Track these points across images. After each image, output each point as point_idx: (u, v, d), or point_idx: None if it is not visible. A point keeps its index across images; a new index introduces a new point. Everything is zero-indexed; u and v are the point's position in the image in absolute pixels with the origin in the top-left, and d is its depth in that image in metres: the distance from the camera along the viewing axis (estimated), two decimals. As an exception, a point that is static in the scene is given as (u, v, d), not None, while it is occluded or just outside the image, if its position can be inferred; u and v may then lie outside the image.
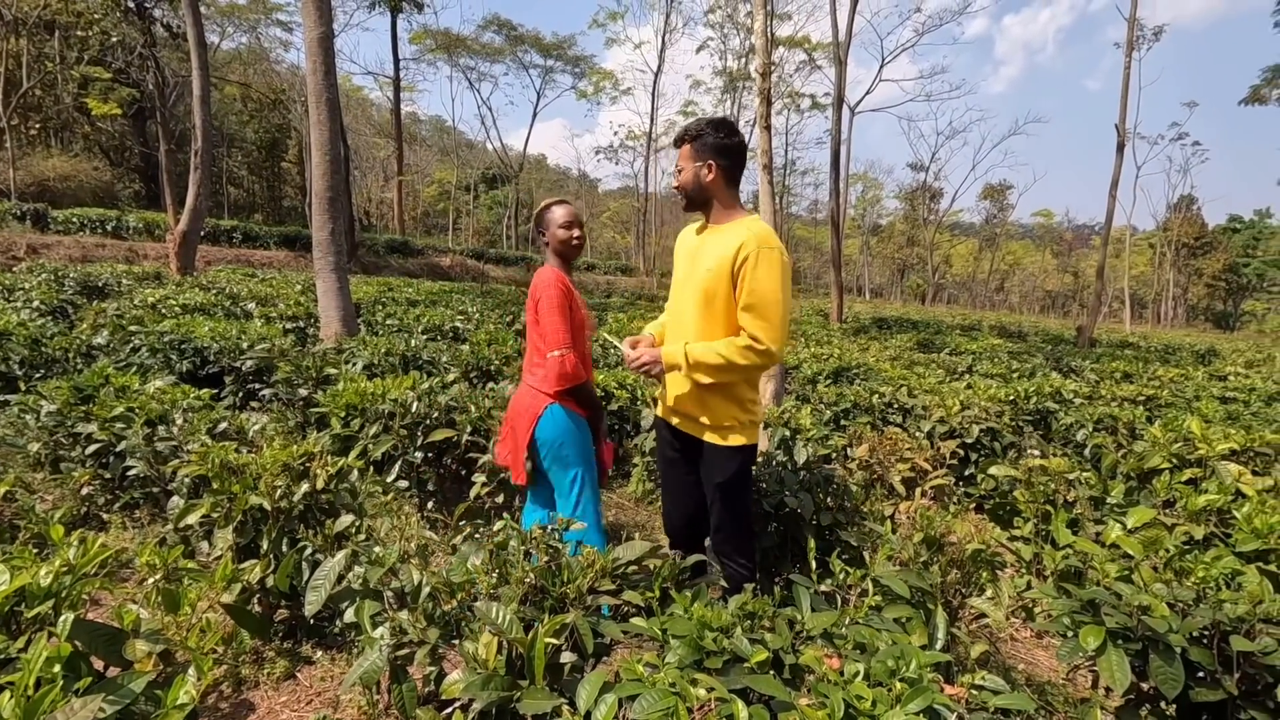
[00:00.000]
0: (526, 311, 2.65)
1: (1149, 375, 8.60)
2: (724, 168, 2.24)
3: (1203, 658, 1.68)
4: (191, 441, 3.00)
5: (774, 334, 2.11)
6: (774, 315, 2.11)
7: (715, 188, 2.26)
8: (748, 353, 2.12)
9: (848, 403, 5.10)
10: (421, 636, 1.76)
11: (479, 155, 57.04)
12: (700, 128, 2.25)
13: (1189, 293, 64.00)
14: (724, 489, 2.30)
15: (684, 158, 2.28)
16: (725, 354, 2.14)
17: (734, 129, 2.28)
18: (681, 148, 2.29)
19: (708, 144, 2.23)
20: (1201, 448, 3.67)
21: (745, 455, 2.29)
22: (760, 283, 2.11)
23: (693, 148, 2.25)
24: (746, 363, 2.12)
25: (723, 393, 2.25)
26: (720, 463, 2.29)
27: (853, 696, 1.22)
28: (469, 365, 5.71)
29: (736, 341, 2.14)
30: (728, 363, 2.13)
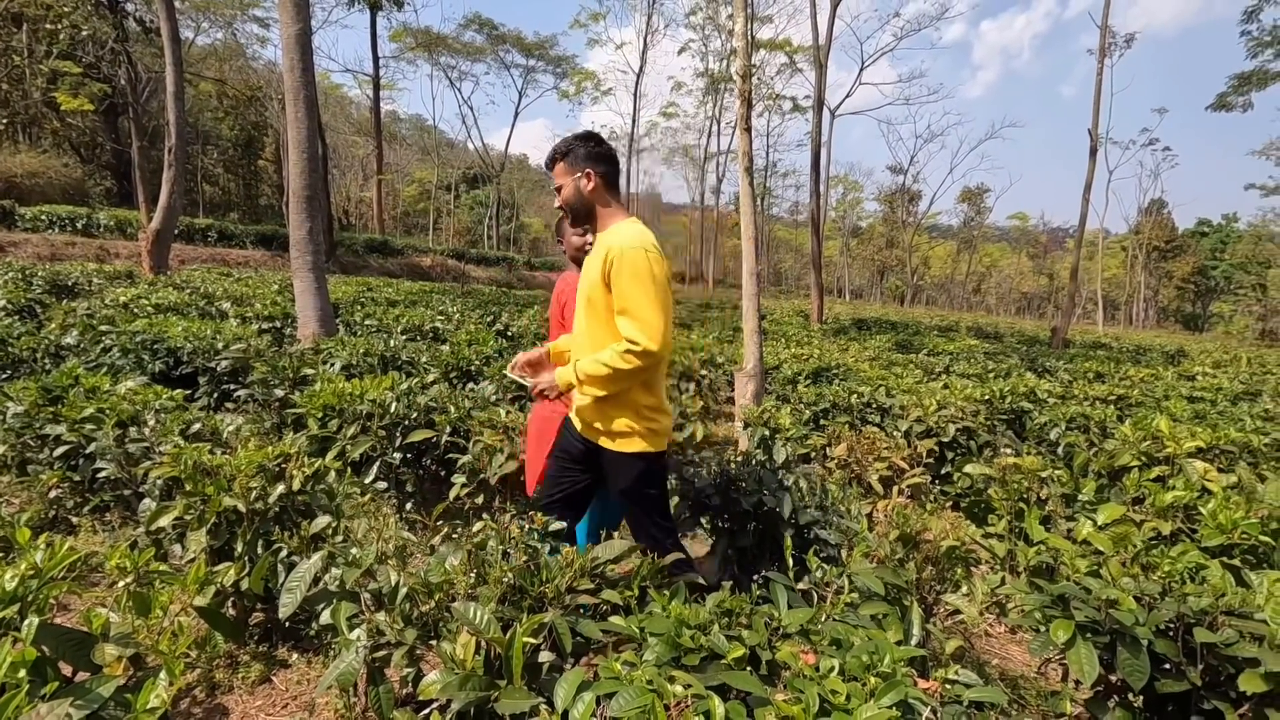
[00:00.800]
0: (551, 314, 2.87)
1: (1120, 375, 8.78)
2: (602, 174, 2.26)
3: (1168, 649, 1.73)
4: (164, 443, 2.95)
5: (649, 331, 2.08)
6: (645, 314, 2.09)
7: (596, 196, 2.28)
8: (629, 356, 2.09)
9: (827, 403, 5.14)
10: (399, 638, 1.75)
11: (460, 155, 56.67)
12: (569, 144, 2.28)
13: (1160, 295, 65.43)
14: (628, 495, 2.29)
15: (560, 175, 2.29)
16: (609, 362, 2.12)
17: (601, 140, 2.31)
18: (555, 167, 2.30)
19: (580, 155, 2.25)
20: (1169, 446, 3.75)
21: (648, 462, 2.26)
22: (626, 284, 2.11)
23: (566, 163, 2.27)
24: (630, 367, 2.09)
25: (617, 402, 2.21)
26: (621, 470, 2.27)
27: (827, 691, 1.24)
28: (449, 366, 5.67)
29: (616, 348, 2.12)
30: (614, 371, 2.11)
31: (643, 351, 2.08)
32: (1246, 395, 7.59)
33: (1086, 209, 19.43)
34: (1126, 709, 1.85)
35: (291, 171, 7.47)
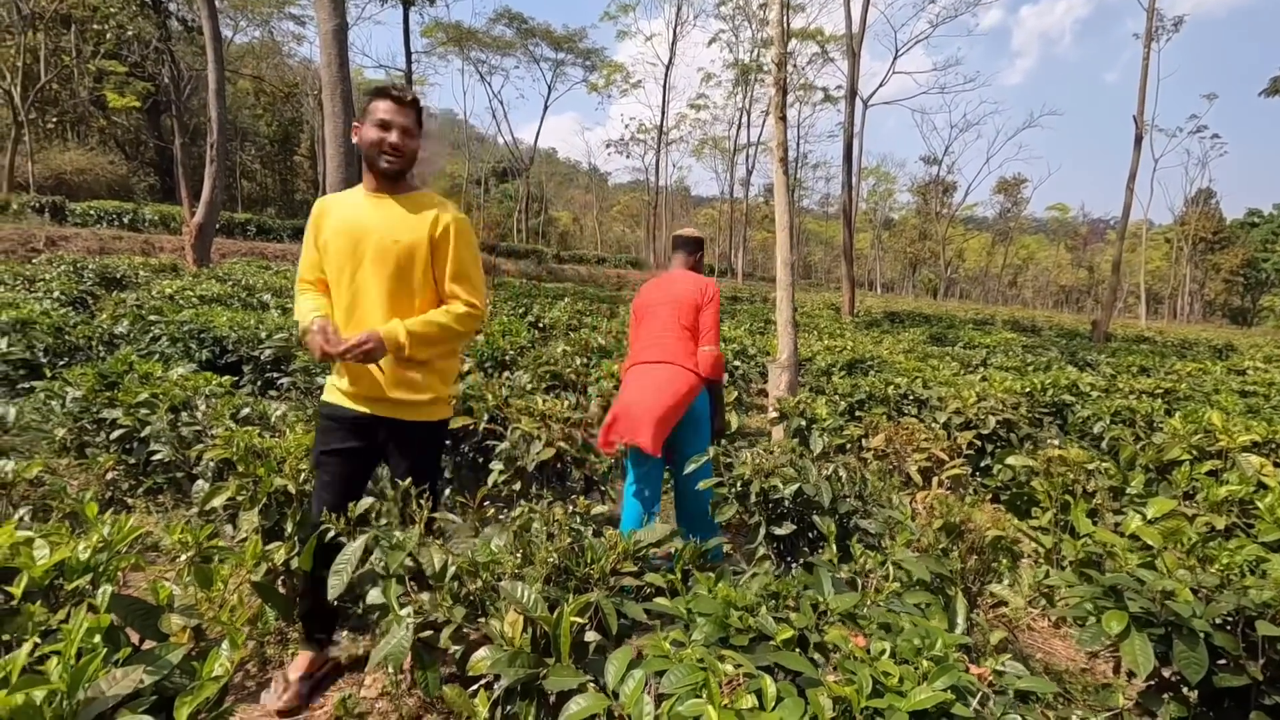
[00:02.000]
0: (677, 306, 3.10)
1: (1166, 369, 8.52)
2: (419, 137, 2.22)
3: (1227, 643, 1.68)
4: (215, 427, 3.04)
5: (481, 296, 2.20)
6: (479, 279, 2.21)
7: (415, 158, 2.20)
8: (467, 319, 2.16)
9: (862, 394, 5.09)
10: (447, 615, 1.78)
11: (489, 149, 57.10)
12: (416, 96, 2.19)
13: (1206, 288, 63.22)
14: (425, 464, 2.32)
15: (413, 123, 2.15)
16: (446, 323, 2.12)
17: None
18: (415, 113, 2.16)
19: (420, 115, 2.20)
20: (1222, 439, 3.64)
21: (444, 428, 2.34)
22: (465, 250, 2.17)
23: (417, 115, 2.18)
24: (466, 329, 2.17)
25: (432, 367, 2.21)
26: (423, 439, 2.27)
27: (880, 673, 1.23)
28: (484, 356, 5.74)
29: (453, 310, 2.15)
30: (450, 332, 2.13)
31: (479, 315, 2.19)
32: (1301, 390, 7.30)
33: (1130, 199, 18.84)
34: (1181, 703, 1.81)
35: (329, 165, 7.61)
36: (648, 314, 3.21)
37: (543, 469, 3.59)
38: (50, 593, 1.53)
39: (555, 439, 3.46)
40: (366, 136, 2.09)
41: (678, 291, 3.13)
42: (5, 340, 5.13)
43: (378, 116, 2.07)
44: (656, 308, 3.17)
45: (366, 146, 2.09)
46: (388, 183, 2.15)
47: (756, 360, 7.44)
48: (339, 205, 2.18)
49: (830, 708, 1.19)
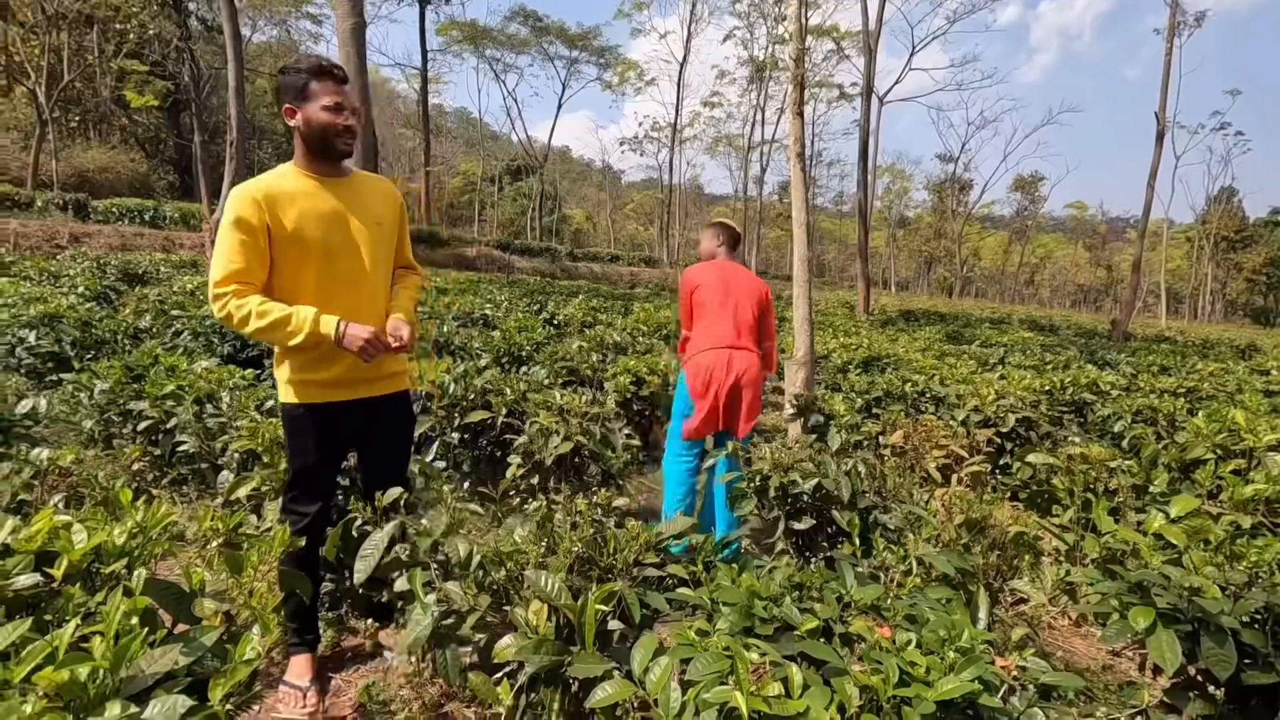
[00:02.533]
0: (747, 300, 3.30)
1: (1188, 369, 8.41)
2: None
3: (1256, 640, 1.66)
4: (240, 418, 3.08)
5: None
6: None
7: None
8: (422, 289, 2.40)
9: (879, 391, 5.06)
10: (472, 603, 1.80)
11: (504, 147, 57.29)
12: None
13: (1228, 287, 62.18)
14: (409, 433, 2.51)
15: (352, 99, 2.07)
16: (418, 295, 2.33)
17: None
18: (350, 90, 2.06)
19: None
20: (1247, 438, 3.59)
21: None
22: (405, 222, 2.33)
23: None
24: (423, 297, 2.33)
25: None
26: (408, 407, 2.39)
27: (906, 663, 1.24)
28: (500, 351, 5.77)
29: (416, 281, 2.34)
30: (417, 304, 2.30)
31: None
32: (1327, 390, 7.18)
33: (1151, 197, 18.59)
34: (1208, 701, 1.79)
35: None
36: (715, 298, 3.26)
37: (560, 463, 3.61)
38: (88, 576, 1.56)
39: (573, 433, 3.48)
40: (317, 119, 1.95)
41: (752, 286, 3.38)
42: (34, 334, 5.23)
43: (327, 99, 1.95)
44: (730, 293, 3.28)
45: (319, 129, 1.96)
46: (336, 165, 2.07)
47: (772, 357, 7.44)
48: (287, 194, 1.96)
49: (857, 696, 1.19)
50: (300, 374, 2.04)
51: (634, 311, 10.20)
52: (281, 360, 2.06)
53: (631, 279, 32.77)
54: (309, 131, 1.98)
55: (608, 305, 11.54)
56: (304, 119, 1.96)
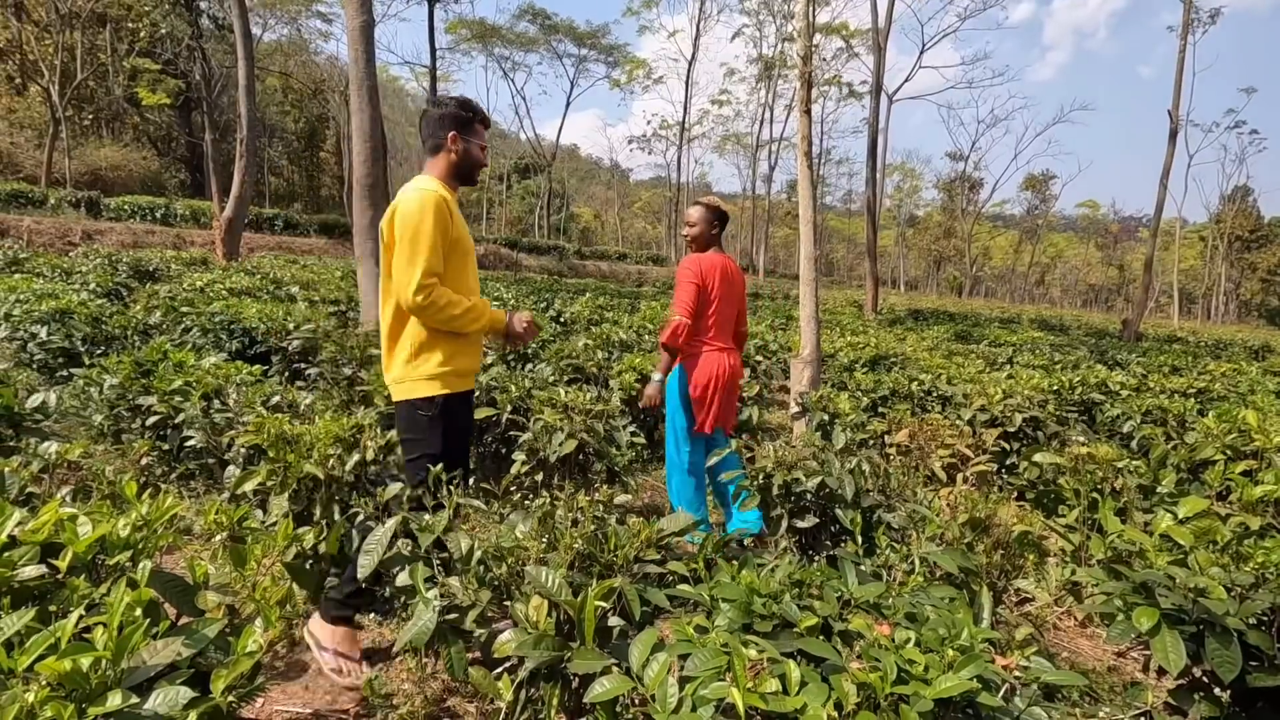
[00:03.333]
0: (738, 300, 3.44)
1: (1199, 369, 8.33)
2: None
3: (1262, 642, 1.65)
4: (247, 414, 3.11)
5: None
6: None
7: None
8: None
9: (886, 390, 5.04)
10: (473, 598, 1.81)
11: (512, 145, 57.37)
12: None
13: (1241, 288, 61.54)
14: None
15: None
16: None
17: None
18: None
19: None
20: (1258, 439, 3.55)
21: None
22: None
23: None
24: None
25: None
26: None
27: (905, 661, 1.23)
28: (505, 348, 5.78)
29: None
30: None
31: None
32: (1341, 391, 7.10)
33: (1164, 196, 18.42)
34: (1213, 702, 1.78)
35: (355, 160, 7.70)
36: (721, 300, 3.33)
37: (565, 460, 3.62)
38: (93, 568, 1.58)
39: (577, 431, 3.49)
40: (474, 153, 2.34)
41: (741, 283, 3.48)
42: (45, 329, 5.28)
43: (482, 140, 2.38)
44: (729, 296, 3.36)
45: (472, 161, 2.34)
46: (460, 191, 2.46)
47: (778, 356, 7.41)
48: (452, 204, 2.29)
49: (855, 693, 1.19)
50: (448, 364, 2.27)
51: (640, 309, 10.20)
52: (430, 352, 2.25)
53: (639, 277, 32.76)
54: (462, 160, 2.34)
55: (614, 303, 11.54)
56: (463, 149, 2.33)
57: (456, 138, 2.30)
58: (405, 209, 2.14)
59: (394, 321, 2.25)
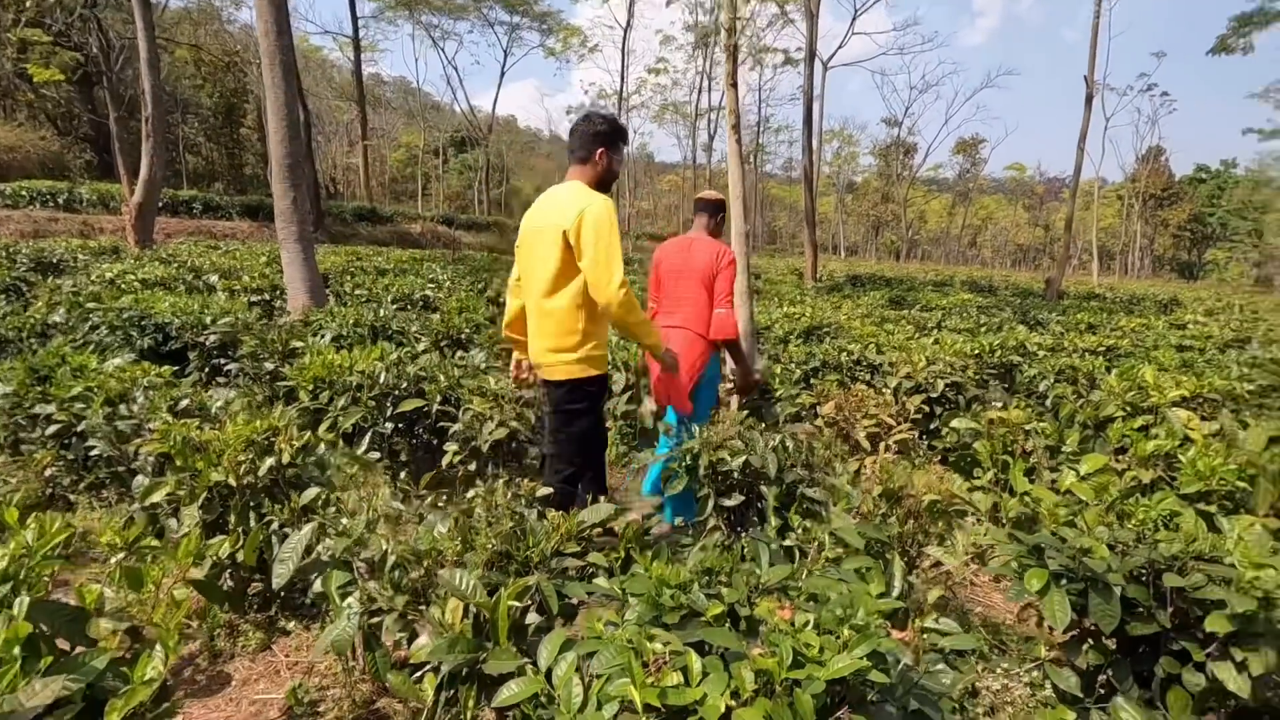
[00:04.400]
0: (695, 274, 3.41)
1: (1112, 326, 8.80)
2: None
3: (1139, 594, 1.77)
4: (153, 420, 2.96)
5: None
6: None
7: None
8: None
9: (817, 361, 5.16)
10: (389, 604, 1.79)
11: (446, 118, 55.53)
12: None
13: (1155, 243, 65.13)
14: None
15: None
16: None
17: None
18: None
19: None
20: (1154, 395, 3.79)
21: None
22: None
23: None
24: None
25: None
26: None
27: (801, 644, 1.27)
28: (439, 334, 5.66)
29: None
30: None
31: None
32: (1236, 343, 7.63)
33: (1082, 158, 19.22)
34: (1099, 651, 1.91)
35: (272, 139, 7.32)
36: (669, 277, 3.53)
37: (498, 448, 3.59)
38: (-33, 604, 1.48)
39: (508, 419, 3.46)
40: (614, 170, 2.66)
41: (697, 262, 3.45)
42: (-71, 334, 4.90)
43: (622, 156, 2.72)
44: (678, 273, 3.49)
45: (612, 175, 2.66)
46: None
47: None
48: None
49: (752, 680, 1.23)
50: (603, 349, 2.66)
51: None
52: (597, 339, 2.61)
53: (582, 251, 32.40)
54: (606, 173, 2.64)
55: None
56: (610, 163, 2.64)
57: (605, 153, 2.61)
58: (597, 214, 2.43)
59: (569, 310, 2.53)
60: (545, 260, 2.53)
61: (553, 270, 2.51)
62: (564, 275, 2.51)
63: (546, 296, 2.56)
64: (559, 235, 2.46)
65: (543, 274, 2.55)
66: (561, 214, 2.48)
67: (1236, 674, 1.62)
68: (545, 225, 2.55)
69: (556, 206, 2.54)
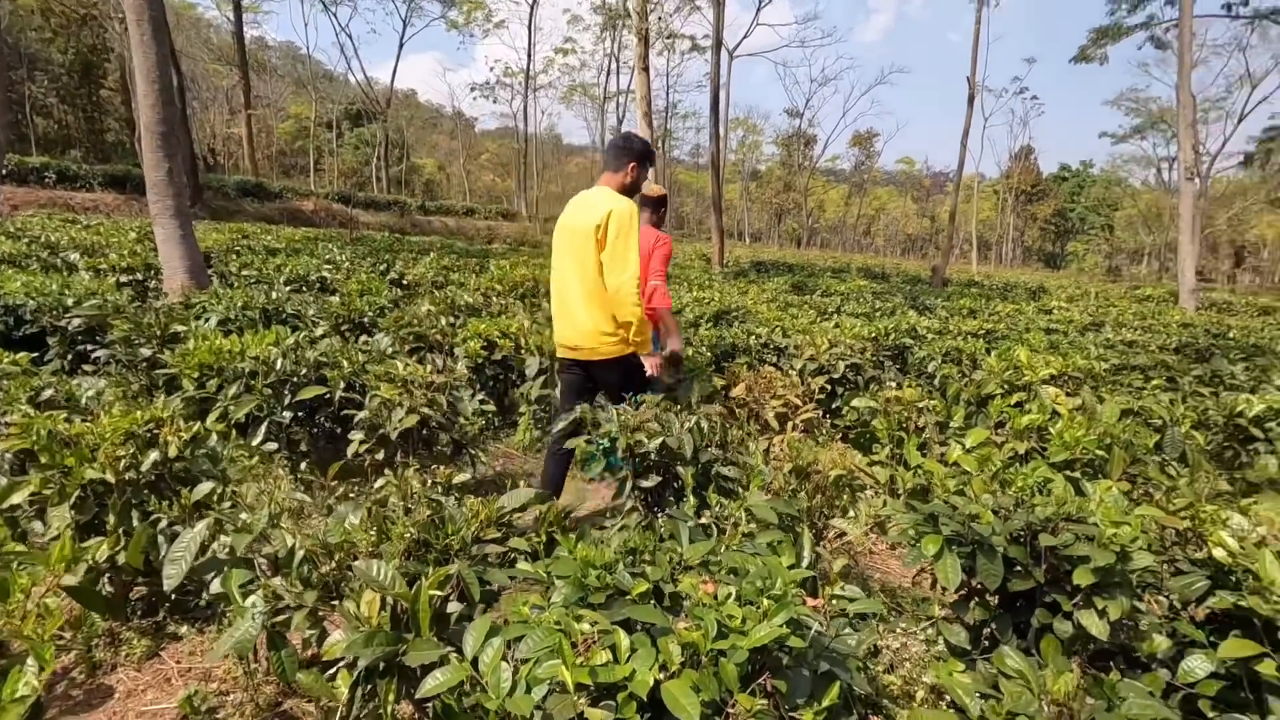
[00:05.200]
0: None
1: (990, 311, 9.55)
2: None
3: (1019, 554, 1.96)
4: (10, 413, 2.65)
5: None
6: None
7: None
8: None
9: (727, 345, 5.30)
10: (298, 601, 1.70)
11: (340, 89, 52.35)
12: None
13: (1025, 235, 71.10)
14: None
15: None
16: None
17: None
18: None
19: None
20: (1027, 374, 4.15)
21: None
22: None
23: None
24: None
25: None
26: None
27: (725, 616, 1.32)
28: (339, 318, 5.38)
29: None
30: None
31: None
32: (1093, 326, 8.49)
33: (964, 154, 20.64)
34: (984, 607, 2.10)
35: (142, 104, 6.65)
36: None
37: (407, 436, 3.47)
38: None
39: (418, 405, 3.34)
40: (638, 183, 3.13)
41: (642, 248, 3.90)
42: None
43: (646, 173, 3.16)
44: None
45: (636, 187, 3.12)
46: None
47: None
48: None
49: (679, 653, 1.26)
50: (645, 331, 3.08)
51: (490, 269, 9.88)
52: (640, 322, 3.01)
53: (489, 233, 31.62)
54: (631, 185, 3.10)
55: (461, 263, 11.08)
56: (636, 176, 3.09)
57: (635, 168, 3.07)
58: (621, 214, 2.87)
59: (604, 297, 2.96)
60: (585, 253, 2.93)
61: (594, 262, 2.91)
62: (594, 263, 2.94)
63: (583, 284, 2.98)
64: (593, 230, 2.86)
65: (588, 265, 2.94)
66: (595, 212, 2.89)
67: (1098, 620, 1.82)
68: (581, 223, 2.94)
69: (590, 206, 2.96)
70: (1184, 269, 14.45)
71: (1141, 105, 43.70)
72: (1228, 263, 53.32)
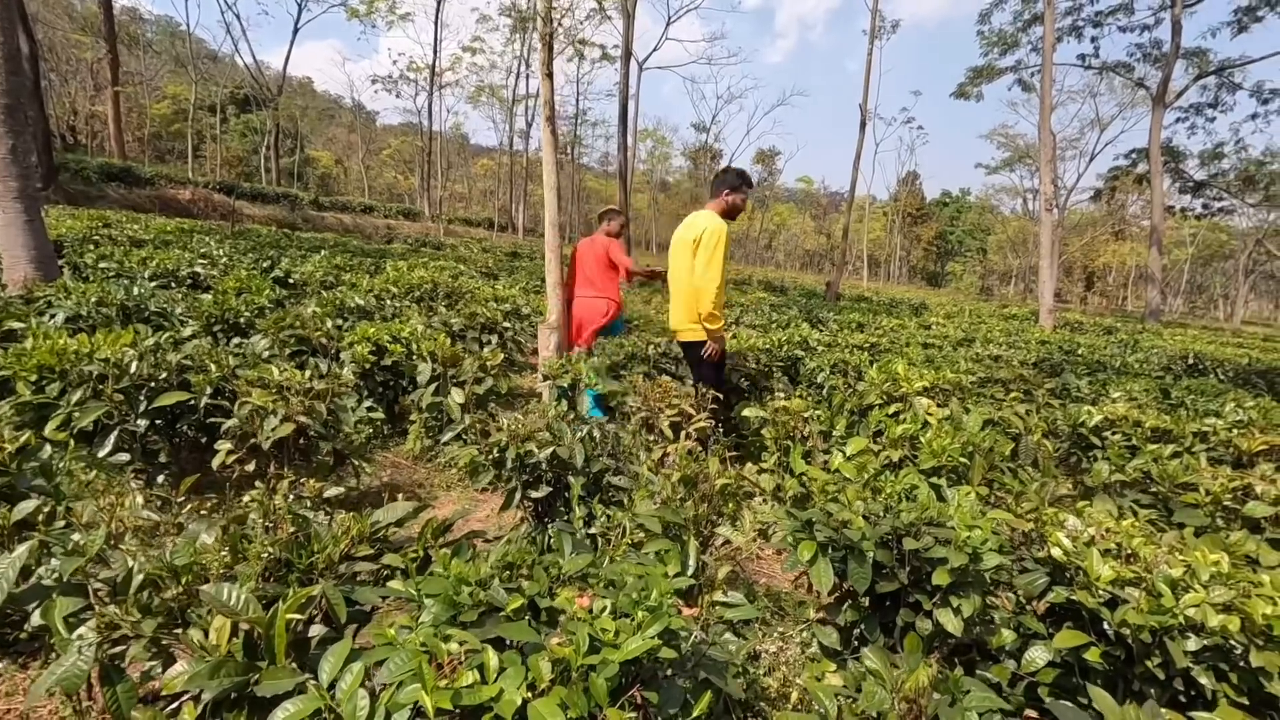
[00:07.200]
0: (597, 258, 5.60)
1: (876, 325, 10.14)
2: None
3: (885, 558, 2.07)
4: None
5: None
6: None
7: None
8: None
9: (626, 354, 5.33)
10: (136, 630, 1.54)
11: (226, 70, 48.80)
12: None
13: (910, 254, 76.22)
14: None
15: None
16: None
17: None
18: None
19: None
20: (904, 386, 4.43)
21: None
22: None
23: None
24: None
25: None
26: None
27: (598, 630, 1.31)
28: (212, 318, 4.99)
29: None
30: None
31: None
32: (965, 342, 9.19)
33: (856, 177, 21.86)
34: (856, 609, 2.20)
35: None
36: (581, 264, 5.55)
37: (282, 445, 3.25)
38: None
39: (295, 413, 3.14)
40: (738, 206, 4.09)
41: (598, 250, 5.54)
42: None
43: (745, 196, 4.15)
44: (585, 260, 5.54)
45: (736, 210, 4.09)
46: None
47: (531, 320, 7.43)
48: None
49: (549, 670, 1.24)
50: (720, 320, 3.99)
51: (385, 270, 9.48)
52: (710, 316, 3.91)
53: (389, 232, 30.33)
54: (731, 208, 4.06)
55: (355, 263, 10.57)
56: (733, 203, 4.06)
57: (731, 194, 4.02)
58: (712, 232, 3.84)
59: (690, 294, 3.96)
60: (684, 259, 3.95)
61: (689, 267, 3.90)
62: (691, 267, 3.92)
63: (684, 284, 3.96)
64: (691, 243, 3.88)
65: (684, 269, 3.95)
66: (695, 229, 3.89)
67: (953, 617, 1.96)
68: (686, 237, 3.95)
69: (694, 224, 3.95)
70: (1043, 291, 15.93)
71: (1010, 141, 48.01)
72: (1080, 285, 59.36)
